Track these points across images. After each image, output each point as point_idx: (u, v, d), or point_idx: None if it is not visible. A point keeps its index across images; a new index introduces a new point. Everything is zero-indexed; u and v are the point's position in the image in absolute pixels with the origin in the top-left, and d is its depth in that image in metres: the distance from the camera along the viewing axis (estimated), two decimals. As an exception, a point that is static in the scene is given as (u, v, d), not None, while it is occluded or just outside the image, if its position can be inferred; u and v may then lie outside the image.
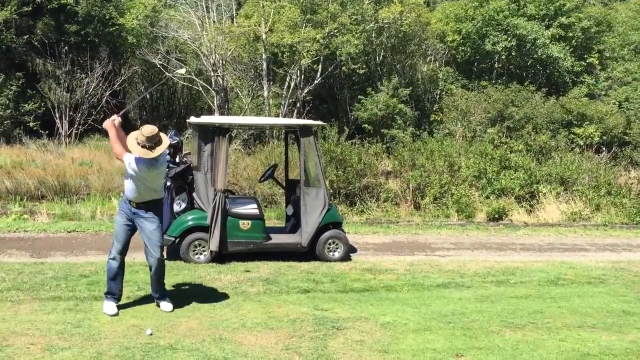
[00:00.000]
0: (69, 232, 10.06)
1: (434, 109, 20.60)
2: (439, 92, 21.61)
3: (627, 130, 18.67)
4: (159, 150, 5.64)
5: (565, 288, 7.69)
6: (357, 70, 19.93)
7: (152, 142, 5.59)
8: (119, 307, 5.85)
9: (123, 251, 5.90)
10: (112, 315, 5.66)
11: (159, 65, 21.77)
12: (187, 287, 6.85)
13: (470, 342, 5.44)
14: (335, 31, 19.43)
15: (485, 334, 5.68)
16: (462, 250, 9.91)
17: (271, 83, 20.98)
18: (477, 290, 7.34)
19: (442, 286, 7.40)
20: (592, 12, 21.92)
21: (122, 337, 5.18)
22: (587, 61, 21.31)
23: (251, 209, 8.32)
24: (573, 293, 7.43)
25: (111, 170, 14.34)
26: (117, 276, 5.87)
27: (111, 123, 5.92)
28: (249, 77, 21.76)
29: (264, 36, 19.42)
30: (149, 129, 5.64)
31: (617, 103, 19.93)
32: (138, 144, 5.59)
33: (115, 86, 20.82)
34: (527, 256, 9.63)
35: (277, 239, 8.56)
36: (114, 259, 5.86)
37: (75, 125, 19.41)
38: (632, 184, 16.08)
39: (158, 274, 5.99)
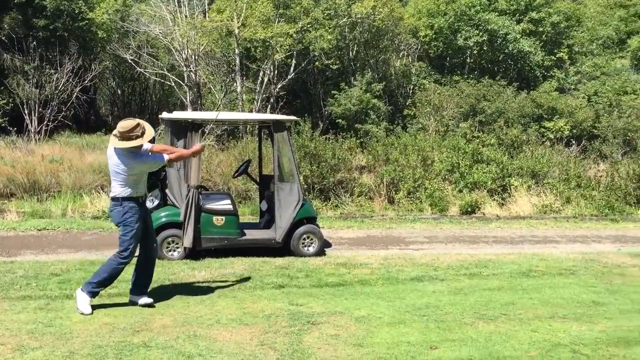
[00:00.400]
0: (39, 230, 9.88)
1: (407, 103, 20.72)
2: (412, 87, 21.75)
3: (596, 124, 19.04)
4: (130, 143, 5.55)
5: (537, 280, 7.80)
6: (331, 66, 19.94)
7: (126, 136, 5.53)
8: (92, 307, 5.76)
9: None
10: (87, 315, 5.58)
11: (130, 61, 21.48)
12: (160, 284, 6.78)
13: (444, 335, 5.49)
14: (309, 26, 19.41)
15: (458, 326, 5.74)
16: (435, 244, 9.99)
17: (244, 78, 20.87)
18: (451, 283, 7.40)
19: (416, 279, 7.45)
20: (561, 7, 22.25)
21: (94, 335, 5.11)
22: (557, 56, 21.64)
23: (225, 204, 8.27)
24: (544, 284, 7.54)
25: (82, 167, 14.13)
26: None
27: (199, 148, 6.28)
28: (222, 73, 21.62)
29: (236, 31, 19.30)
30: (121, 124, 5.59)
31: (586, 97, 20.32)
32: (115, 135, 5.57)
33: (86, 82, 20.50)
34: (499, 249, 9.75)
35: (251, 234, 8.53)
36: (127, 263, 5.80)
37: (45, 122, 19.06)
38: (601, 176, 16.40)
39: (152, 269, 6.11)
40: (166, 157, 5.81)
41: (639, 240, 11.05)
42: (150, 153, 5.78)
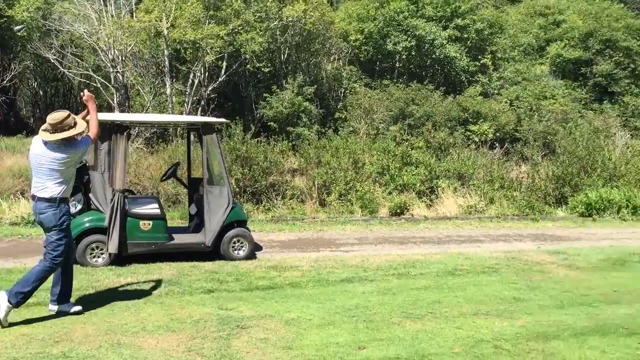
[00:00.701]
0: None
1: (339, 107, 20.91)
2: (343, 90, 21.96)
3: (518, 127, 19.84)
4: (64, 134, 5.41)
5: (462, 278, 8.04)
6: (262, 68, 19.86)
7: (59, 128, 5.38)
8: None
9: None
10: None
11: (53, 61, 20.63)
12: (84, 292, 6.53)
13: (372, 334, 5.56)
14: (240, 28, 19.26)
15: (386, 326, 5.83)
16: (365, 245, 10.13)
17: (174, 80, 20.47)
18: (380, 283, 7.52)
19: (346, 281, 7.52)
20: (485, 14, 23.09)
21: (10, 347, 4.86)
22: (481, 61, 22.42)
23: (152, 208, 8.08)
24: (469, 282, 7.78)
25: (1, 171, 13.46)
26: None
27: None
28: (151, 74, 21.13)
29: (165, 32, 18.91)
30: (52, 116, 5.42)
31: (509, 101, 21.14)
32: (45, 130, 5.43)
33: (5, 82, 19.53)
34: (427, 249, 9.99)
35: (180, 239, 8.37)
36: (58, 267, 5.62)
37: (-41, 124, 18.03)
38: (522, 177, 17.14)
39: (72, 275, 5.94)
40: (90, 136, 5.76)
41: (557, 238, 11.60)
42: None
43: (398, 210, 13.45)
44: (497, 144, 19.31)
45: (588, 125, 19.26)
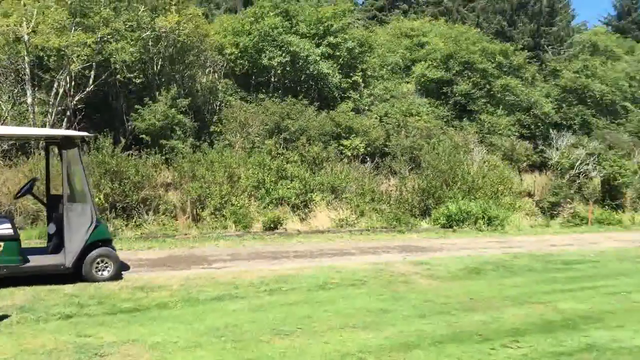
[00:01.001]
0: None
1: (214, 120, 20.65)
2: (218, 103, 21.72)
3: (387, 142, 20.72)
4: None
5: (332, 291, 8.24)
6: (134, 79, 19.14)
7: None
8: None
9: None
10: None
11: None
12: None
13: (240, 354, 5.53)
14: (109, 37, 18.44)
15: (255, 344, 5.82)
16: (238, 261, 10.07)
17: (36, 89, 19.14)
18: (252, 300, 7.50)
19: (217, 299, 7.43)
20: (356, 34, 23.94)
21: None
22: (353, 79, 23.18)
23: (4, 229, 7.48)
24: (338, 296, 7.99)
25: None
26: None
27: None
28: (9, 82, 19.59)
29: (26, 37, 17.65)
30: None
31: (379, 117, 22.01)
32: None
33: None
34: (299, 263, 10.13)
35: (36, 260, 7.82)
36: None
37: None
38: (391, 190, 17.91)
39: None
40: None
41: (421, 249, 12.25)
42: None
43: (272, 225, 13.52)
44: (368, 158, 20.02)
45: (449, 141, 20.55)
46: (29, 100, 18.49)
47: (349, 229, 13.95)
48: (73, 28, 18.09)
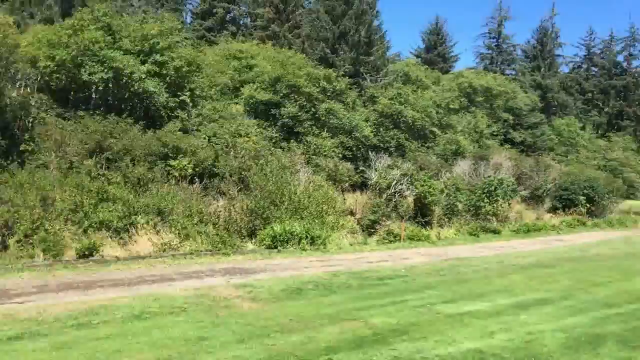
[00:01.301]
0: None
1: (26, 138, 19.01)
2: (31, 120, 20.04)
3: (216, 163, 20.62)
4: None
5: (148, 321, 7.97)
6: None
7: None
8: None
9: None
10: None
11: None
12: None
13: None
14: None
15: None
16: (46, 294, 9.33)
17: None
18: (56, 337, 6.99)
19: (15, 338, 6.82)
20: (183, 53, 23.58)
21: None
22: (181, 98, 22.75)
23: None
24: (154, 326, 7.74)
25: None
26: None
27: None
28: None
29: None
30: None
31: (207, 138, 21.84)
32: None
33: None
34: (115, 292, 9.65)
35: None
36: None
37: None
38: (220, 212, 17.81)
39: None
40: None
41: (245, 271, 12.32)
42: None
43: (87, 252, 12.71)
44: (196, 179, 19.73)
45: (277, 162, 21.00)
46: None
47: (172, 253, 13.59)
48: None
